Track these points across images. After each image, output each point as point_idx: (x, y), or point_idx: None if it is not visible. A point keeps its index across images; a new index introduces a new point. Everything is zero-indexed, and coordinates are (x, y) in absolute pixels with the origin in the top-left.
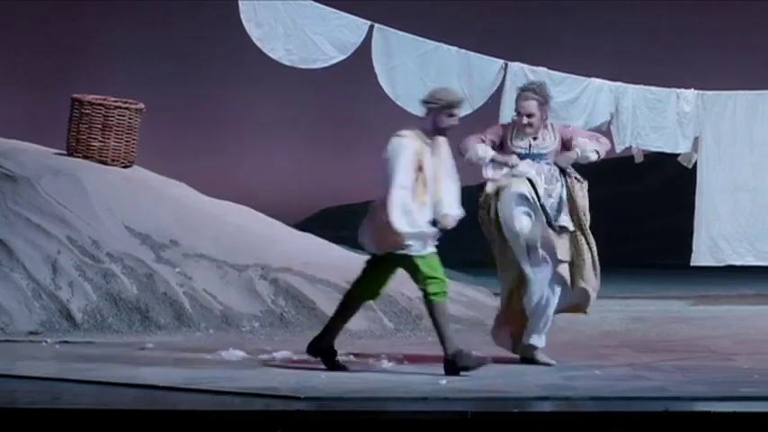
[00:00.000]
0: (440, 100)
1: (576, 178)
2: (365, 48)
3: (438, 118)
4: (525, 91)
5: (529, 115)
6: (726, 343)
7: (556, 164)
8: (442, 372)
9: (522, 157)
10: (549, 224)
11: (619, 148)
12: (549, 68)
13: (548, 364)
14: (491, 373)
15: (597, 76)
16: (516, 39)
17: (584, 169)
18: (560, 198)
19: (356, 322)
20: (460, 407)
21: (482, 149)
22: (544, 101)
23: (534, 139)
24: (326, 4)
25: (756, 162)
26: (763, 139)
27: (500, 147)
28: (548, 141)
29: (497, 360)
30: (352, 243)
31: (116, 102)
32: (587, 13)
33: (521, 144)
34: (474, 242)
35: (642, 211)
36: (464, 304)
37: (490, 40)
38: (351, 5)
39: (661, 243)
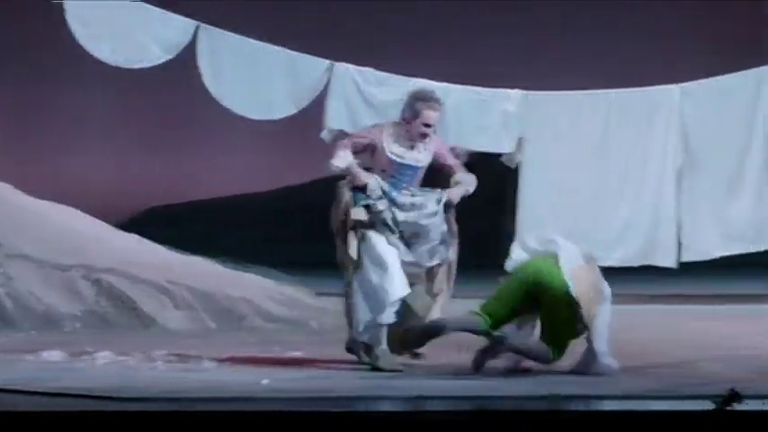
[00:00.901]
0: None
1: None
2: (192, 47)
3: None
4: (433, 101)
5: (429, 126)
6: None
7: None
8: (263, 371)
9: (393, 165)
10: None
11: None
12: (374, 68)
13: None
14: (311, 374)
15: (423, 77)
16: (342, 39)
17: None
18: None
19: (178, 322)
20: (281, 407)
21: (342, 160)
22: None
23: (411, 148)
24: (152, 4)
25: (579, 162)
26: (586, 139)
27: (366, 149)
28: (422, 156)
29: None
30: (176, 243)
31: None
32: (413, 13)
33: (397, 151)
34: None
35: (465, 212)
36: (285, 304)
37: (316, 40)
38: (177, 5)
39: (484, 244)
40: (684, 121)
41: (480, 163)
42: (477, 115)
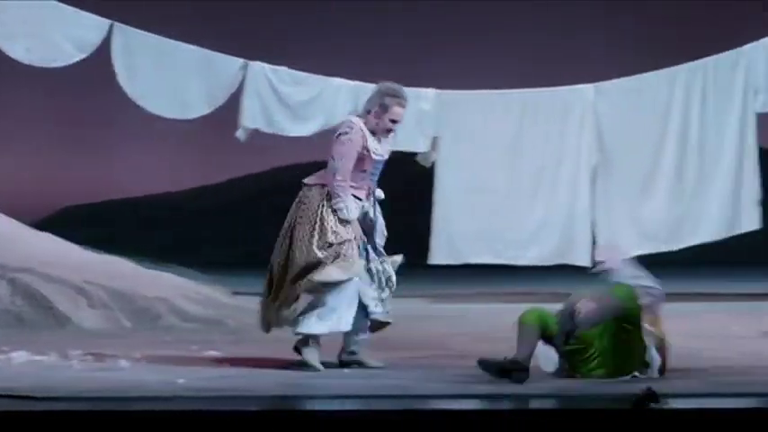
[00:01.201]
0: None
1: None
2: (107, 47)
3: None
4: (402, 97)
5: (396, 122)
6: (464, 340)
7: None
8: (180, 371)
9: (374, 163)
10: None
11: None
12: (289, 67)
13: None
14: (227, 373)
15: (338, 76)
16: (257, 38)
17: (315, 169)
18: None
19: (93, 321)
20: (197, 406)
21: (354, 212)
22: None
23: (379, 142)
24: (67, 3)
25: (493, 161)
26: (500, 138)
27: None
28: (387, 147)
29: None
30: (92, 243)
31: None
32: (328, 13)
33: (375, 149)
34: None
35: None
36: (201, 303)
37: (231, 39)
38: (92, 4)
39: (400, 241)
40: (599, 121)
41: (395, 162)
42: None
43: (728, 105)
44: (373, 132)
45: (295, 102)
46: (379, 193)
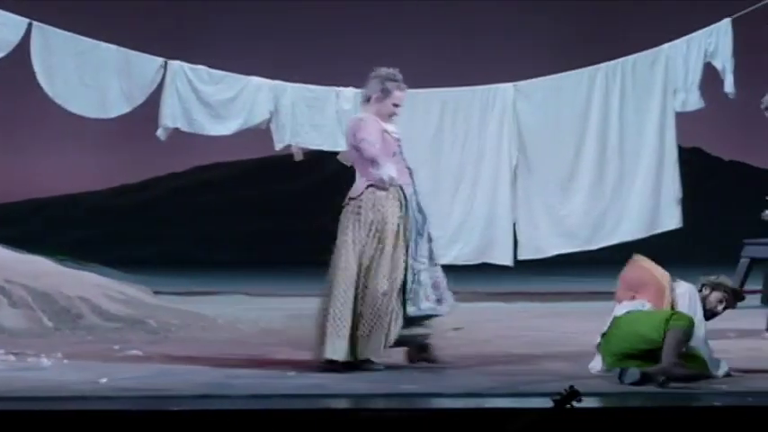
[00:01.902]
0: None
1: None
2: (26, 46)
3: None
4: (401, 81)
5: (399, 106)
6: None
7: None
8: (102, 370)
9: (397, 143)
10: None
11: (278, 147)
12: (208, 67)
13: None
14: (150, 372)
15: (257, 75)
16: (175, 37)
17: (236, 169)
18: None
19: (15, 321)
20: (120, 405)
21: (393, 170)
22: None
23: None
24: None
25: (414, 160)
26: (420, 136)
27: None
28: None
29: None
30: (13, 241)
31: None
32: (246, 14)
33: (391, 129)
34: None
35: (302, 210)
36: (123, 302)
37: (150, 38)
38: (10, 4)
39: (321, 241)
40: (519, 120)
41: (315, 161)
42: (311, 113)
43: (648, 104)
44: (381, 117)
45: (215, 101)
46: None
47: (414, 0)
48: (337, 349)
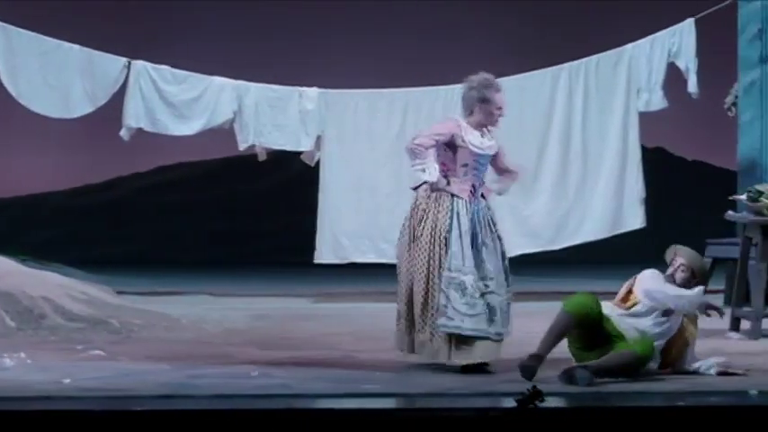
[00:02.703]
0: None
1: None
2: None
3: None
4: (498, 84)
5: (501, 108)
6: (348, 340)
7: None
8: (65, 370)
9: (475, 156)
10: None
11: (242, 147)
12: (172, 66)
13: None
14: (113, 372)
15: (220, 75)
16: (138, 37)
17: (200, 168)
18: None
19: None
20: (83, 405)
21: (431, 174)
22: None
23: (482, 137)
24: None
25: (377, 160)
26: (383, 136)
27: (445, 146)
28: (492, 143)
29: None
30: None
31: None
32: (208, 13)
33: (476, 142)
34: (95, 240)
35: (265, 209)
36: (86, 302)
37: (113, 38)
38: None
39: (285, 241)
40: None
41: (279, 161)
42: (274, 113)
43: (611, 104)
44: (479, 127)
45: (178, 101)
46: (492, 188)
47: (376, 1)
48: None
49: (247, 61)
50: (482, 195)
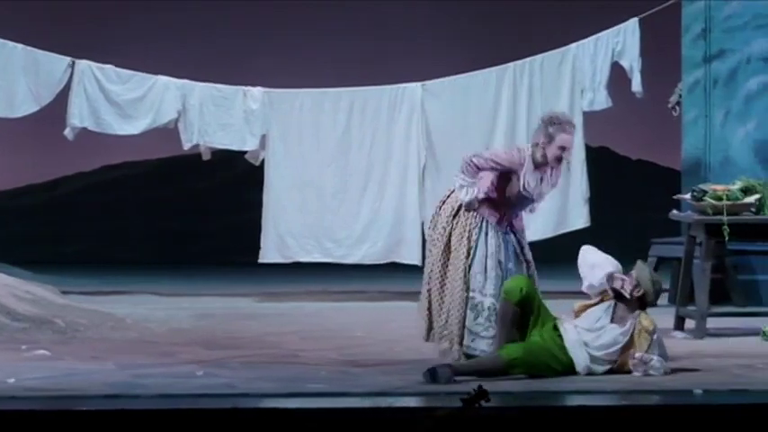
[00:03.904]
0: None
1: None
2: None
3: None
4: (567, 123)
5: (566, 148)
6: (293, 339)
7: None
8: (9, 370)
9: (520, 197)
10: None
11: (186, 146)
12: (116, 66)
13: None
14: (58, 372)
15: (165, 74)
16: (83, 37)
17: (144, 168)
18: None
19: None
20: (27, 405)
21: (468, 194)
22: None
23: (540, 181)
24: None
25: (322, 159)
26: (329, 136)
27: (499, 176)
28: (545, 189)
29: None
30: None
31: None
32: (153, 13)
33: (530, 187)
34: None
35: (210, 209)
36: (30, 302)
37: (57, 37)
38: None
39: (230, 240)
40: (427, 119)
41: (224, 160)
42: (219, 113)
43: (556, 103)
44: (541, 165)
45: (123, 100)
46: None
47: (321, 0)
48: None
49: (192, 60)
50: (510, 227)
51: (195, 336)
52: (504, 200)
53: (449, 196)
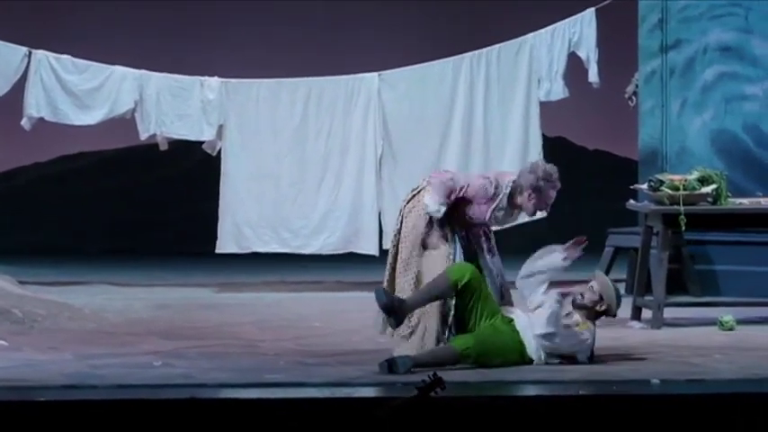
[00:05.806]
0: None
1: None
2: None
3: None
4: (556, 181)
5: (549, 204)
6: (251, 329)
7: None
8: None
9: (475, 225)
10: None
11: (143, 136)
12: (73, 56)
13: None
14: (15, 362)
15: (121, 64)
16: (39, 27)
17: (101, 158)
18: None
19: None
20: None
21: (435, 208)
22: None
23: (503, 219)
24: None
25: (279, 149)
26: (285, 126)
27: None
28: (499, 225)
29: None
30: None
31: None
32: (109, 2)
33: (495, 218)
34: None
35: (167, 199)
36: None
37: (13, 27)
38: None
39: (186, 230)
40: (384, 109)
41: (181, 151)
42: (177, 103)
43: (513, 94)
44: (515, 207)
45: (79, 90)
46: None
47: None
48: None
49: (149, 51)
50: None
51: (153, 326)
52: (468, 216)
53: (414, 196)
